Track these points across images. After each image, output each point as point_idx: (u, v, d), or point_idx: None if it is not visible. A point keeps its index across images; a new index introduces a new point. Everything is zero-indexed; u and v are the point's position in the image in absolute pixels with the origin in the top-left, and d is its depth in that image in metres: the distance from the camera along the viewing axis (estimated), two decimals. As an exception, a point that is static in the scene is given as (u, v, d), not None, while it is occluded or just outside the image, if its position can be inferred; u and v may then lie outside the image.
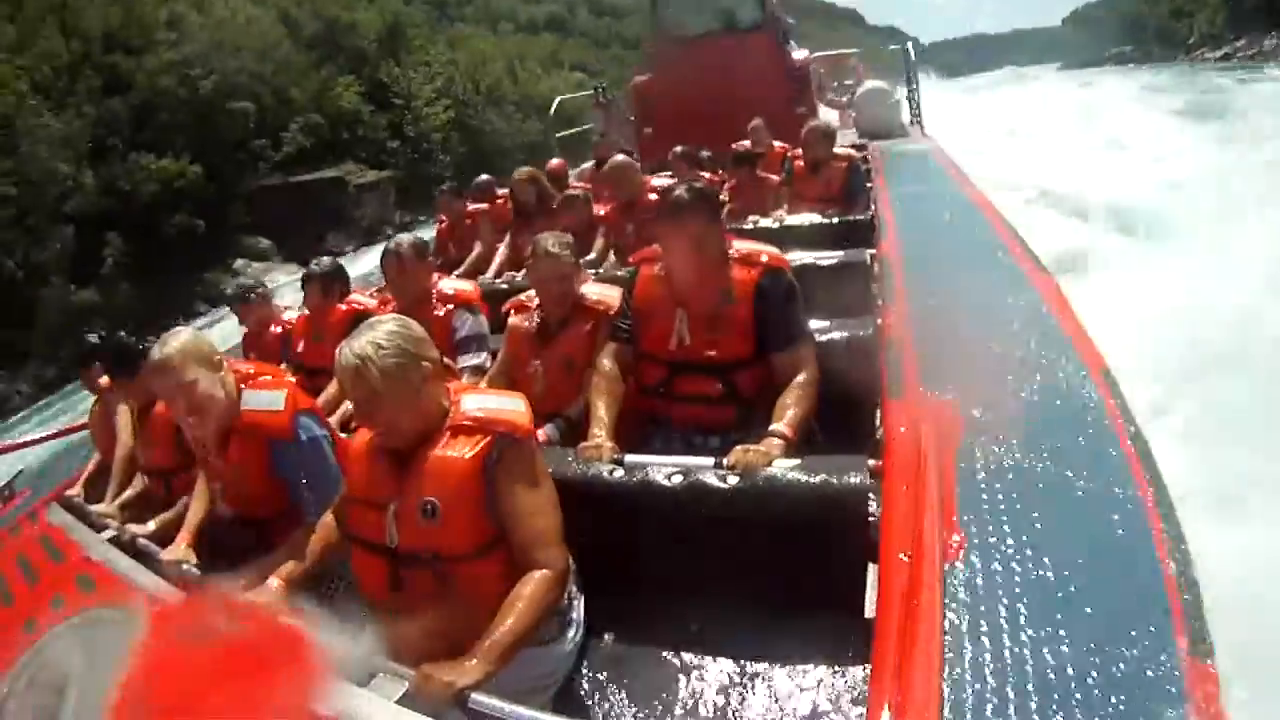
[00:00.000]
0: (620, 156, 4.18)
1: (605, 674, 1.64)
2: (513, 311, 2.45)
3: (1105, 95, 20.59)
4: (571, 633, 1.57)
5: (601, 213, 4.10)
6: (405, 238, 2.64)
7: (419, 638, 1.36)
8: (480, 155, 26.52)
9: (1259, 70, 26.65)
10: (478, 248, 4.61)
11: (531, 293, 2.41)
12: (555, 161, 5.60)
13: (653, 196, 3.74)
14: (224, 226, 20.31)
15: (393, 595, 1.48)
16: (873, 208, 3.78)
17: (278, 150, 23.07)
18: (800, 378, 1.88)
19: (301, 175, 22.92)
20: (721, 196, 4.33)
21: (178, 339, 1.81)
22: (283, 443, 1.81)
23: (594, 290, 2.32)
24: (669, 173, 4.86)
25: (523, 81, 34.77)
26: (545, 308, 2.32)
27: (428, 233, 4.96)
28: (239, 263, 20.18)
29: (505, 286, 3.39)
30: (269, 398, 1.86)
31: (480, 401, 1.51)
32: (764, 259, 1.99)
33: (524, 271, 3.05)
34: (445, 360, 1.59)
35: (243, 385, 1.88)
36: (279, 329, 3.17)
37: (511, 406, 1.51)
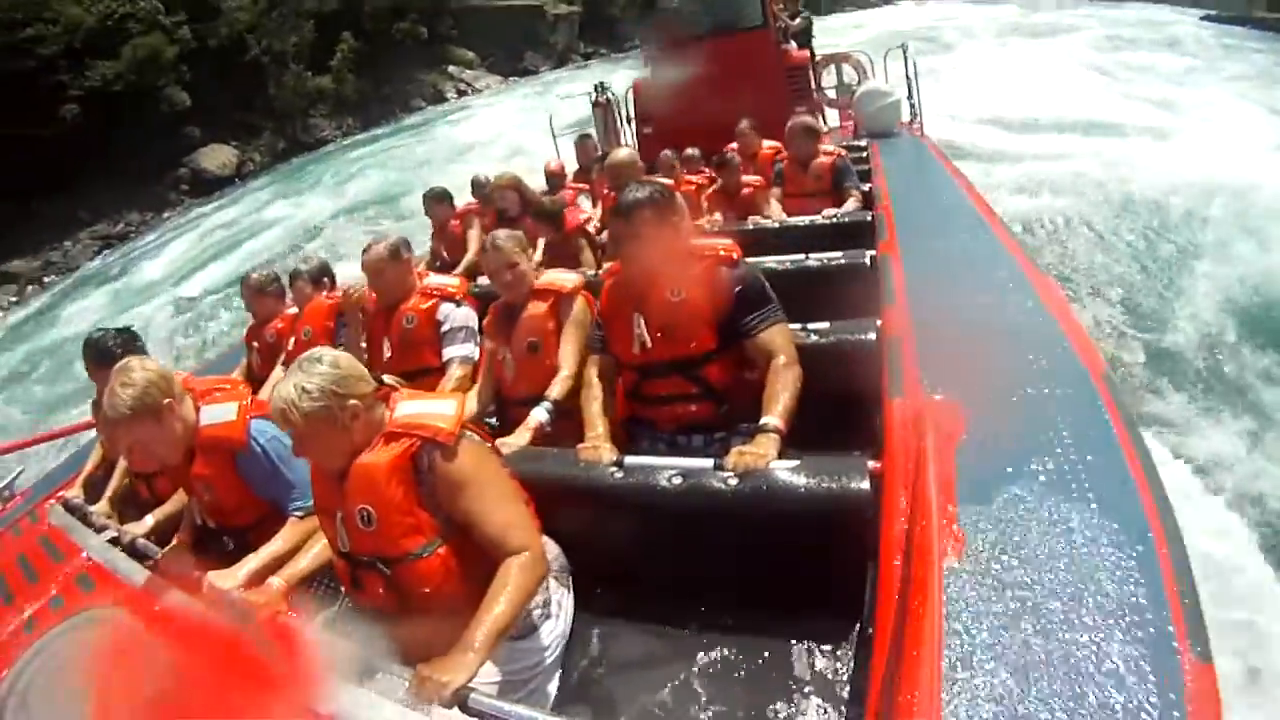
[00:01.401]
0: (624, 151, 4.15)
1: (605, 673, 1.64)
2: (490, 313, 2.51)
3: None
4: (549, 625, 1.58)
5: (584, 223, 4.06)
6: (382, 240, 2.64)
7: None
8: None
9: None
10: (472, 246, 4.58)
11: None
12: (554, 163, 5.59)
13: None
14: (436, 38, 24.38)
15: (355, 594, 1.55)
16: (873, 207, 3.78)
17: (484, -26, 27.35)
18: (779, 360, 1.86)
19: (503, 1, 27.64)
20: (705, 200, 4.33)
21: (128, 388, 1.74)
22: (242, 452, 1.84)
23: (550, 275, 2.42)
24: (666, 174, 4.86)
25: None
26: (509, 294, 2.39)
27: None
28: (452, 69, 24.55)
29: None
30: (222, 410, 1.89)
31: (410, 407, 1.52)
32: (714, 252, 2.00)
33: None
34: (392, 381, 1.61)
35: (200, 403, 1.91)
36: (280, 325, 3.17)
37: (439, 410, 1.51)
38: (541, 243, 3.73)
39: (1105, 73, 13.56)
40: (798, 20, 8.17)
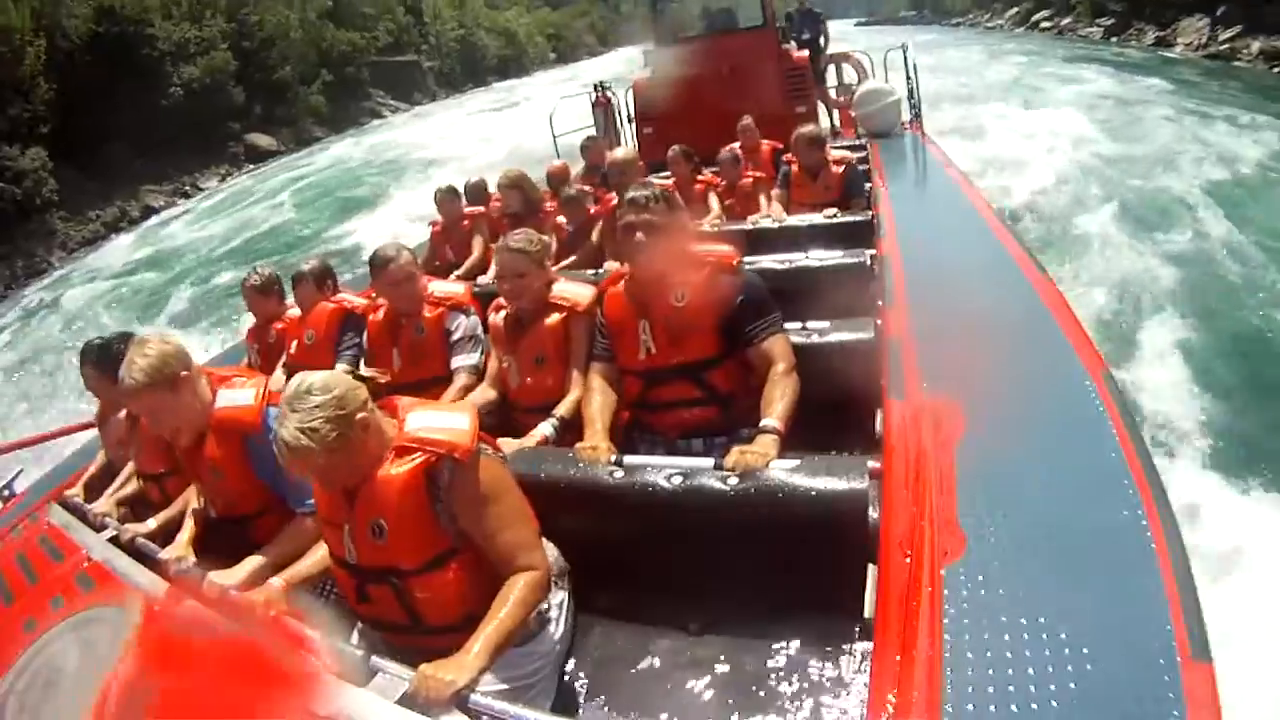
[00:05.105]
0: (622, 150, 4.15)
1: (605, 674, 1.64)
2: (493, 310, 2.46)
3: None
4: (551, 630, 1.57)
5: (592, 211, 4.09)
6: (392, 247, 2.61)
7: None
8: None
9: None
10: (476, 249, 4.58)
11: None
12: (557, 163, 5.59)
13: None
14: (365, 80, 35.45)
15: (360, 606, 1.52)
16: (872, 208, 3.78)
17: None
18: (778, 368, 1.89)
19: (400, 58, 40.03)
20: (714, 198, 4.35)
21: (146, 358, 1.79)
22: (257, 436, 1.84)
23: (563, 288, 2.31)
24: (667, 173, 4.86)
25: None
26: (509, 303, 2.32)
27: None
28: (377, 99, 34.94)
29: None
30: (241, 394, 1.91)
31: (423, 420, 1.48)
32: (712, 258, 2.01)
33: None
34: (368, 374, 1.55)
35: (218, 387, 1.93)
36: (281, 326, 3.16)
37: (453, 424, 1.47)
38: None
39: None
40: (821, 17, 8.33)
